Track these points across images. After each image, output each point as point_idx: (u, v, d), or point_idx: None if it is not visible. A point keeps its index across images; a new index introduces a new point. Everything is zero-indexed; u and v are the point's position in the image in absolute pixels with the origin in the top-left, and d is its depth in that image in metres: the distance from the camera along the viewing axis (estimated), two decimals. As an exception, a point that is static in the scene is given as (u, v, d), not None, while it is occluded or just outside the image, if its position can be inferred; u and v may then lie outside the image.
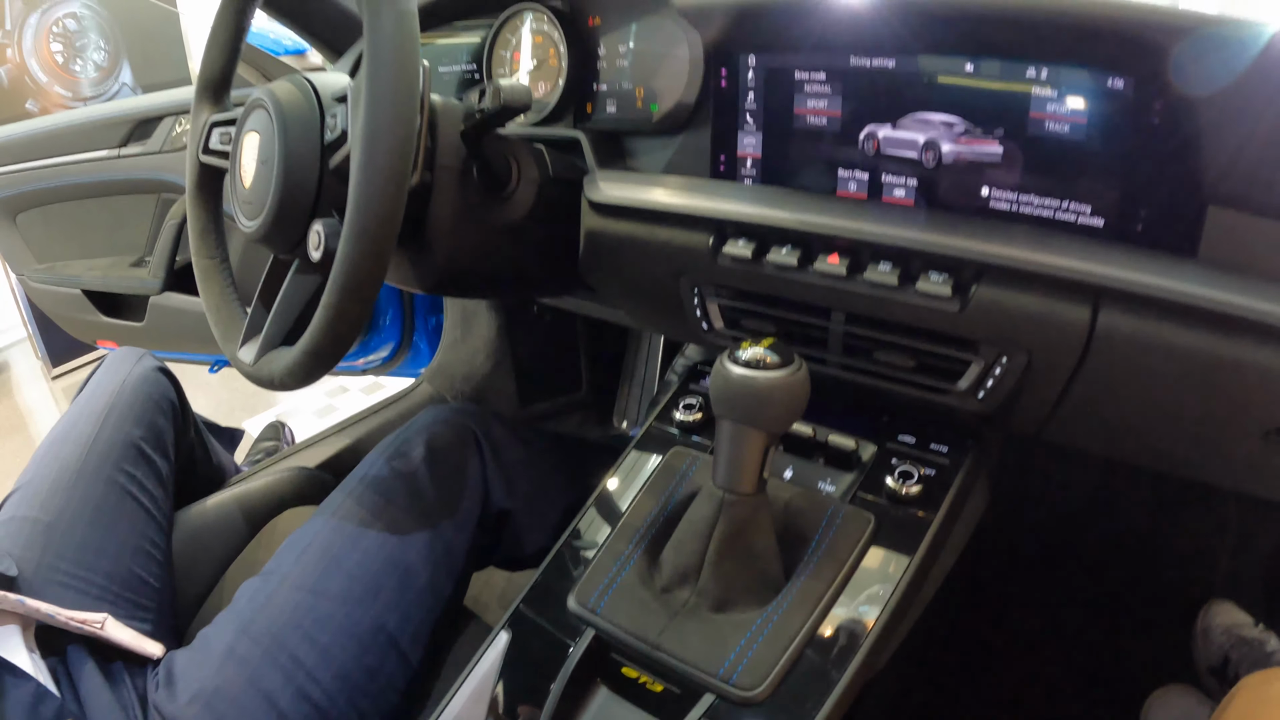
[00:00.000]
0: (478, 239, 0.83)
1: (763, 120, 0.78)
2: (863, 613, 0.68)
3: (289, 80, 0.79)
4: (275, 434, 1.80)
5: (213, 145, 0.89)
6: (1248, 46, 0.55)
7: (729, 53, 0.78)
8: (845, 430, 0.81)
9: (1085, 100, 0.63)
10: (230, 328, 0.87)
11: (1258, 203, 0.58)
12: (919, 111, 0.70)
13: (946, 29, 0.67)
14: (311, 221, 0.75)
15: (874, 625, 0.67)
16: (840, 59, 0.72)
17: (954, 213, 0.70)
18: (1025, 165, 0.66)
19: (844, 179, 0.74)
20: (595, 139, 0.88)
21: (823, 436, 0.81)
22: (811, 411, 0.69)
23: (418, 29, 0.65)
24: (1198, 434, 0.67)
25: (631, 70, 0.85)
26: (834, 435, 0.81)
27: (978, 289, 0.66)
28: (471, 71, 1.01)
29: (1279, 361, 0.58)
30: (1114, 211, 0.64)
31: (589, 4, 0.88)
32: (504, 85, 0.73)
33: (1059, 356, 0.66)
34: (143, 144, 1.58)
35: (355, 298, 0.68)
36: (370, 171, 0.64)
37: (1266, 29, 0.54)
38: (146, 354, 1.27)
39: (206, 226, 0.92)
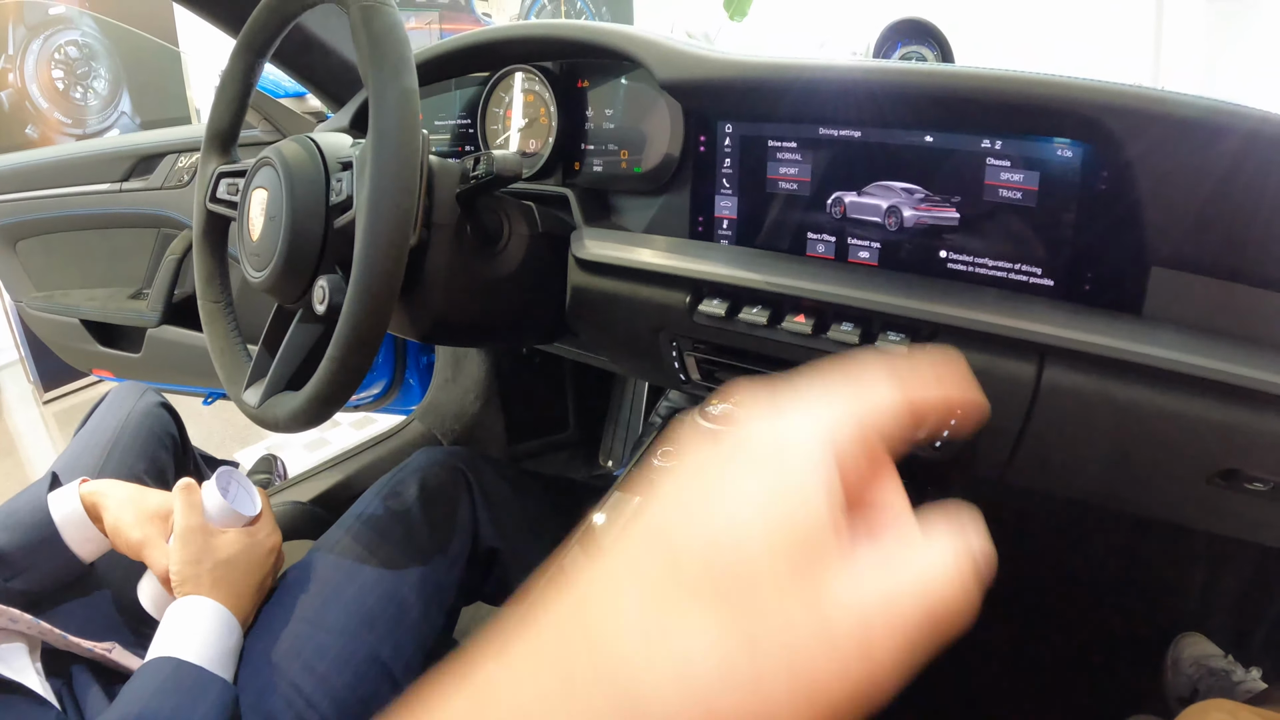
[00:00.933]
0: (470, 292, 0.88)
1: (738, 184, 0.83)
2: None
3: (296, 141, 0.83)
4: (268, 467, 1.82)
5: (220, 194, 0.93)
6: (1187, 119, 0.60)
7: (707, 120, 0.83)
8: None
9: (1036, 169, 0.68)
10: (235, 370, 0.91)
11: (1198, 263, 0.63)
12: (882, 179, 0.75)
13: (907, 105, 0.72)
14: (316, 276, 0.80)
15: None
16: (810, 129, 0.78)
17: (914, 274, 0.75)
18: (980, 230, 0.71)
19: (813, 241, 0.80)
20: (582, 196, 0.93)
21: None
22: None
23: (419, 105, 0.70)
24: (1147, 479, 0.71)
25: (617, 132, 0.90)
26: None
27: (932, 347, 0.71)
28: (466, 125, 1.06)
29: (1216, 412, 0.61)
30: (1063, 273, 0.68)
31: (579, 68, 0.94)
32: (497, 156, 0.78)
33: (1009, 409, 0.70)
34: (145, 179, 1.61)
35: (359, 351, 0.72)
36: (374, 236, 0.68)
37: (1202, 102, 0.60)
38: (149, 389, 1.30)
39: (212, 272, 0.96)
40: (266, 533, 0.90)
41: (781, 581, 0.23)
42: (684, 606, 0.23)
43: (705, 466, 0.26)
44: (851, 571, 0.24)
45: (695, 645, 0.22)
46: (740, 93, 0.79)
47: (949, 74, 0.69)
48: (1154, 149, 0.62)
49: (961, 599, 0.24)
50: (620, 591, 0.24)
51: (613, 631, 0.23)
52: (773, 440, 0.26)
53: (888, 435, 0.28)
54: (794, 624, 0.23)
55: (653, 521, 0.26)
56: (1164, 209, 0.63)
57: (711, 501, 0.25)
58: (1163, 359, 0.61)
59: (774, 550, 0.23)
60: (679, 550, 0.24)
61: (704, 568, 0.23)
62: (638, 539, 0.25)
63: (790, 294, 0.76)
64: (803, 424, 0.27)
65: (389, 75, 0.69)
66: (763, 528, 0.24)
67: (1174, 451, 0.66)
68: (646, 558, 0.24)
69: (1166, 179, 0.62)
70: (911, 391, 0.28)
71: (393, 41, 0.70)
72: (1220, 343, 0.62)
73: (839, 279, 0.75)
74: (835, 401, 0.28)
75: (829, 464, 0.26)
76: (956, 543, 0.26)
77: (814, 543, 0.24)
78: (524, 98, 0.99)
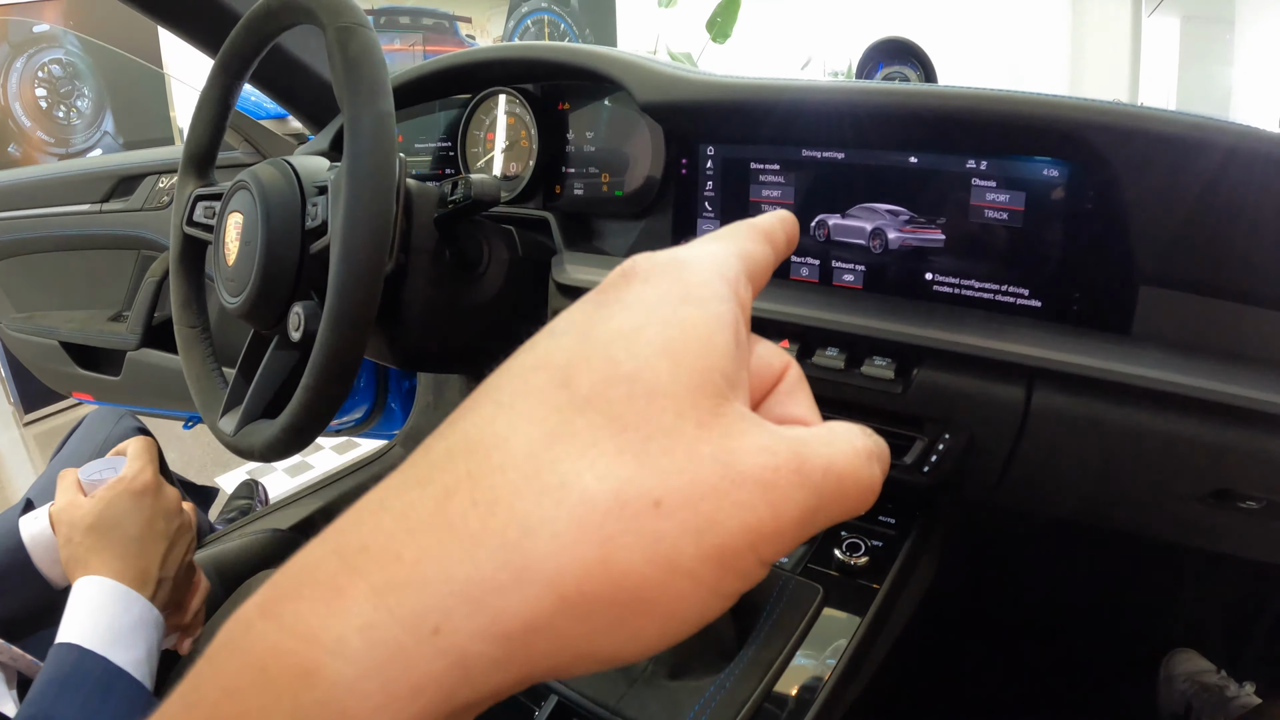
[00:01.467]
0: (450, 318, 0.86)
1: (720, 207, 0.82)
2: (811, 679, 0.70)
3: (272, 165, 0.82)
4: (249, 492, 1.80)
5: (197, 218, 0.92)
6: (1171, 136, 0.59)
7: (689, 143, 0.82)
8: None
9: (1022, 189, 0.68)
10: (211, 397, 0.90)
11: (1186, 281, 0.62)
12: (866, 201, 0.74)
13: (890, 126, 0.71)
14: (292, 303, 0.78)
15: (821, 690, 0.70)
16: (792, 151, 0.77)
17: (900, 297, 0.74)
18: (966, 251, 0.71)
19: (797, 264, 0.79)
20: (563, 219, 0.92)
21: None
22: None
23: (395, 130, 0.69)
24: (1138, 499, 0.71)
25: (598, 155, 0.89)
26: None
27: (919, 372, 0.70)
28: (447, 148, 1.05)
29: (1207, 432, 0.61)
30: (1051, 293, 0.68)
31: (560, 90, 0.93)
32: (475, 180, 0.76)
33: (998, 433, 0.69)
34: (125, 200, 1.60)
35: (334, 380, 0.71)
36: (349, 264, 0.67)
37: (1185, 118, 0.59)
38: (126, 414, 1.28)
39: (189, 297, 0.95)
40: (131, 476, 0.82)
41: (684, 405, 0.21)
42: (576, 429, 0.20)
43: (601, 289, 0.24)
44: (755, 416, 0.22)
45: (589, 473, 0.20)
46: (721, 114, 0.78)
47: (932, 94, 0.69)
48: (1139, 166, 0.61)
49: (866, 474, 0.23)
50: (507, 417, 0.21)
51: (499, 462, 0.20)
52: (669, 260, 0.24)
53: (759, 278, 0.27)
54: (698, 454, 0.20)
55: (542, 342, 0.23)
56: (1151, 227, 0.62)
57: (607, 316, 0.23)
58: (1153, 379, 0.61)
59: (678, 368, 0.21)
60: (572, 369, 0.21)
61: (600, 385, 0.21)
62: (526, 360, 0.22)
63: (773, 319, 0.75)
64: (697, 248, 0.25)
65: (364, 99, 0.68)
66: (663, 341, 0.21)
67: (1165, 472, 0.66)
68: (536, 378, 0.22)
69: (1153, 196, 0.62)
70: (771, 239, 0.28)
71: (369, 65, 0.69)
72: (1210, 361, 0.61)
73: (823, 303, 0.74)
74: (718, 240, 0.27)
75: (730, 284, 0.24)
76: (856, 425, 0.24)
77: (721, 363, 0.22)
78: (505, 120, 0.98)
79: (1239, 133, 0.58)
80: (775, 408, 0.26)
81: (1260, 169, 0.58)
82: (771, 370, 0.27)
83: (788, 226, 0.30)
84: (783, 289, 0.78)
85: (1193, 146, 0.59)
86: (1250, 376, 0.60)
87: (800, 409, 0.26)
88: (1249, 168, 0.58)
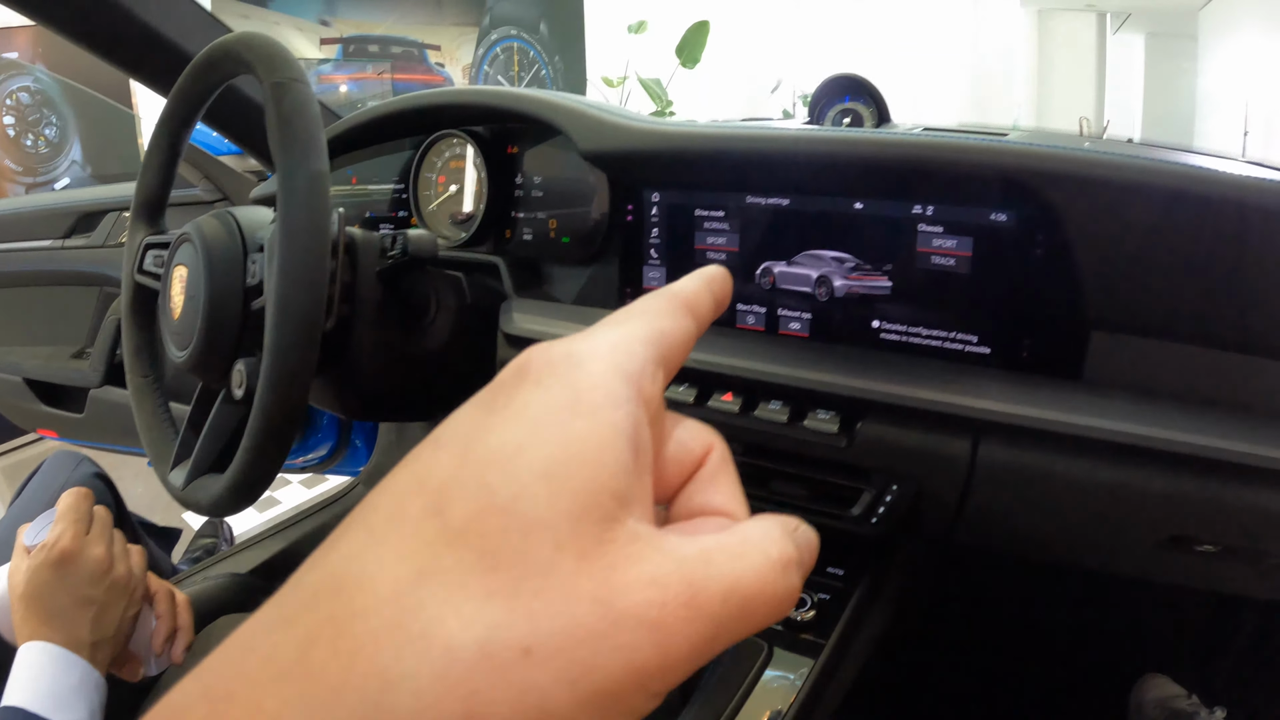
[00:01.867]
0: (399, 368, 0.85)
1: (666, 254, 0.82)
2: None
3: (216, 217, 0.81)
4: (214, 530, 1.78)
5: (147, 266, 0.91)
6: (1118, 181, 0.59)
7: (634, 189, 0.82)
8: None
9: (969, 235, 0.67)
10: (162, 449, 0.88)
11: (1140, 325, 0.62)
12: (812, 248, 0.74)
13: (834, 173, 0.71)
14: (235, 358, 0.77)
15: None
16: (737, 198, 0.76)
17: (847, 345, 0.73)
18: (914, 298, 0.70)
19: (742, 313, 0.78)
20: (513, 265, 0.91)
21: None
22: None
23: (329, 188, 0.68)
24: (1095, 544, 0.70)
25: (546, 200, 0.89)
26: None
27: (863, 425, 0.69)
28: (400, 190, 1.04)
29: (1160, 482, 0.60)
30: (1000, 340, 0.67)
31: (510, 133, 0.92)
32: (412, 236, 0.76)
33: (946, 485, 0.69)
34: (86, 237, 1.59)
35: (273, 441, 0.70)
36: (283, 328, 0.66)
37: (1132, 162, 0.59)
38: (84, 458, 1.27)
39: (140, 346, 0.93)
40: (50, 544, 0.79)
41: (563, 536, 0.19)
42: (445, 567, 0.19)
43: (492, 389, 0.23)
44: (652, 535, 0.20)
45: (455, 620, 0.18)
46: (663, 162, 0.78)
47: (873, 142, 0.69)
48: (1087, 211, 0.61)
49: (781, 587, 0.21)
50: (375, 552, 0.20)
51: (363, 605, 0.19)
52: (564, 357, 0.22)
53: (676, 358, 0.25)
54: (576, 593, 0.19)
55: (424, 457, 0.21)
56: (1102, 271, 0.62)
57: (492, 427, 0.21)
58: (1102, 430, 0.60)
59: (558, 494, 0.19)
60: (446, 495, 0.20)
61: (473, 516, 0.19)
62: (404, 480, 0.21)
63: (717, 371, 0.75)
64: (598, 339, 0.23)
65: (297, 158, 0.67)
66: (543, 463, 0.20)
67: (1118, 521, 0.65)
68: (410, 504, 0.20)
69: (1102, 240, 0.61)
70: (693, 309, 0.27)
71: (302, 122, 0.68)
72: (1162, 407, 0.61)
73: (768, 354, 0.73)
74: (625, 322, 0.25)
75: (632, 380, 0.22)
76: (778, 523, 0.23)
77: (611, 481, 0.20)
78: (455, 163, 0.97)
79: (1186, 175, 0.58)
80: (696, 496, 0.25)
81: (1209, 210, 0.58)
82: (692, 455, 0.25)
83: (716, 287, 0.28)
84: (728, 338, 0.77)
85: (1141, 190, 0.59)
86: (1203, 423, 0.59)
87: (721, 498, 0.25)
88: (1198, 209, 0.58)
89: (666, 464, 0.25)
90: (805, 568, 0.23)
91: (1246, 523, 0.60)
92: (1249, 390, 0.60)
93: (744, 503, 0.25)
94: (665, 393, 0.25)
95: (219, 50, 0.77)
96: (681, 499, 0.25)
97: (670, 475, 0.25)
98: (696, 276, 0.28)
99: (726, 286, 0.29)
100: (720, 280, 0.29)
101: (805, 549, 0.23)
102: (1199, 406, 0.60)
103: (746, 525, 0.23)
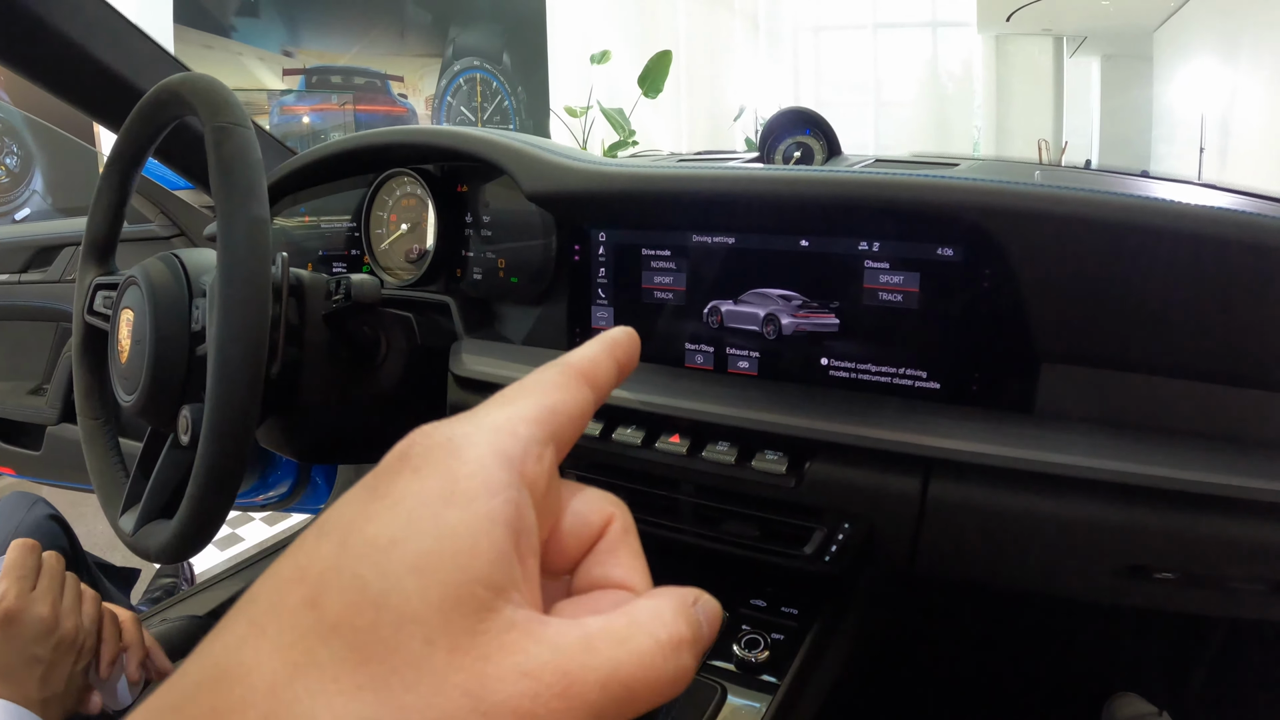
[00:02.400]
0: (349, 410, 0.85)
1: (613, 294, 0.82)
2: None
3: (162, 261, 0.80)
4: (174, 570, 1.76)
5: (97, 307, 0.90)
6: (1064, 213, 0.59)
7: (580, 229, 0.82)
8: None
9: (915, 270, 0.67)
10: (112, 492, 0.87)
11: (1089, 356, 0.62)
12: (759, 286, 0.74)
13: (778, 211, 0.71)
14: (182, 404, 0.76)
15: None
16: (683, 237, 0.77)
17: (796, 383, 0.73)
18: (862, 335, 0.70)
19: (691, 352, 0.78)
20: (464, 304, 0.91)
21: None
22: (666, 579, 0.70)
23: (268, 235, 0.67)
24: (1053, 574, 0.70)
25: (495, 240, 0.89)
26: None
27: (812, 465, 0.69)
28: (353, 229, 1.03)
29: (1114, 514, 0.60)
30: (949, 375, 0.68)
31: (459, 172, 0.92)
32: (354, 281, 0.76)
33: (898, 523, 0.68)
34: (43, 272, 1.58)
35: (217, 489, 0.69)
36: (223, 378, 0.66)
37: (1079, 195, 0.59)
38: (39, 499, 1.26)
39: (91, 387, 0.92)
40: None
41: (434, 630, 0.19)
42: (320, 660, 0.19)
43: (376, 474, 0.22)
44: (530, 623, 0.20)
45: (329, 713, 0.18)
46: (608, 202, 0.78)
47: (816, 181, 0.69)
48: (1033, 245, 0.61)
49: (668, 670, 0.21)
50: (254, 644, 0.20)
51: (240, 697, 0.19)
52: (444, 444, 0.22)
53: (569, 433, 0.25)
54: (446, 686, 0.19)
55: (308, 544, 0.21)
56: (1049, 303, 0.62)
57: (370, 516, 0.21)
58: (1051, 464, 0.60)
59: (429, 588, 0.19)
60: (324, 586, 0.20)
61: (347, 610, 0.19)
62: (287, 570, 0.21)
63: (664, 413, 0.74)
64: (481, 422, 0.23)
65: (237, 204, 0.67)
66: (415, 557, 0.20)
67: (1075, 553, 0.65)
68: (290, 595, 0.20)
69: (1048, 273, 0.61)
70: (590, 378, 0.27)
71: (242, 167, 0.68)
72: (1114, 438, 0.61)
73: (716, 394, 0.73)
74: (513, 401, 0.24)
75: (514, 464, 0.22)
76: (672, 601, 0.23)
77: (485, 572, 0.20)
78: (407, 201, 0.97)
79: (1129, 207, 0.59)
80: (595, 568, 0.25)
81: (1154, 241, 0.58)
82: (590, 528, 0.25)
83: (619, 352, 0.28)
84: (677, 379, 0.77)
85: (1084, 223, 0.59)
86: (1157, 453, 0.59)
87: (620, 570, 0.25)
88: (1143, 240, 0.58)
89: (564, 537, 0.25)
90: (702, 644, 0.23)
91: (1204, 551, 0.60)
92: (1202, 418, 0.61)
93: (644, 574, 0.25)
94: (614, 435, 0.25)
95: (165, 91, 0.76)
96: (581, 571, 0.25)
97: (569, 548, 0.25)
98: (598, 342, 0.28)
99: (631, 349, 0.29)
100: (624, 344, 0.29)
101: (705, 624, 0.23)
102: (1152, 436, 0.60)
103: (636, 606, 0.22)
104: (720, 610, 0.24)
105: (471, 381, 0.85)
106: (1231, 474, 0.57)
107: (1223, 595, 0.65)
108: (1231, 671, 1.22)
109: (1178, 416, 0.61)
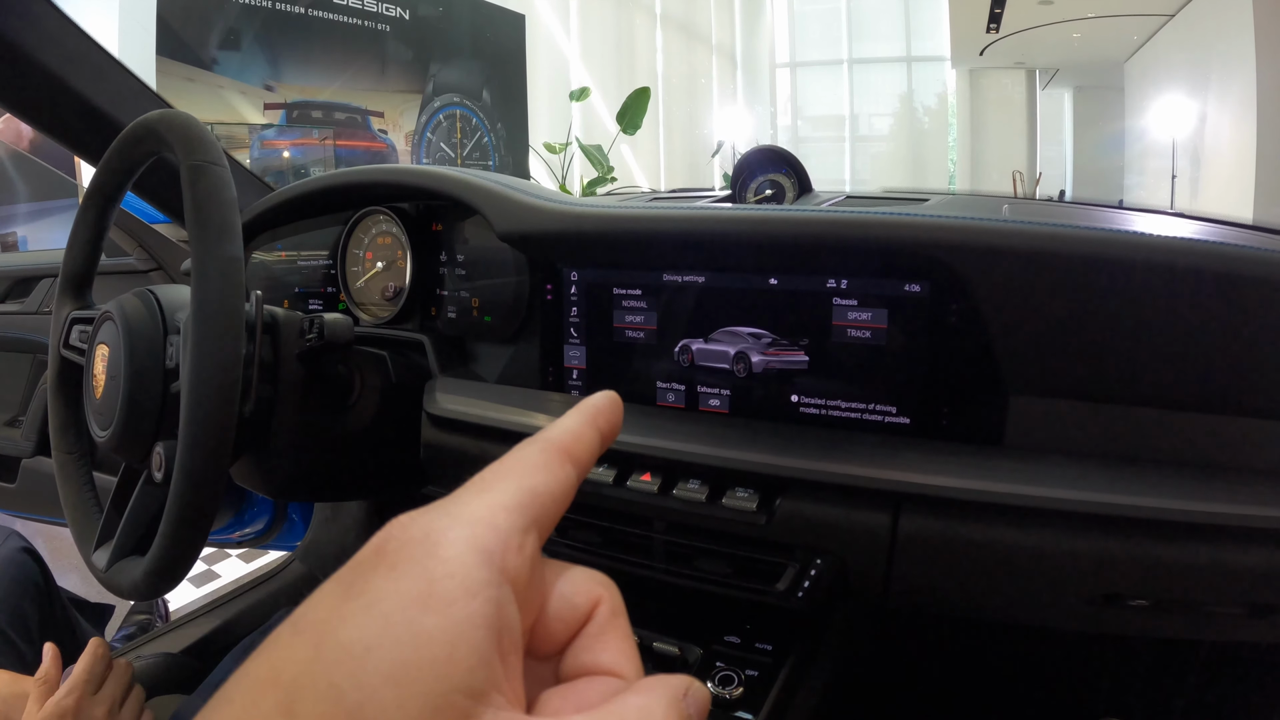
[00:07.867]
0: (323, 448, 0.85)
1: (586, 333, 0.82)
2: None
3: (138, 297, 0.80)
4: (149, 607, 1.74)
5: (73, 341, 0.90)
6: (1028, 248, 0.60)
7: (553, 268, 0.83)
8: (672, 634, 0.80)
9: (883, 307, 0.68)
10: (86, 528, 0.87)
11: (1058, 387, 0.63)
12: (729, 325, 0.75)
13: (746, 251, 0.72)
14: (156, 441, 0.76)
15: None
16: (653, 276, 0.78)
17: (766, 420, 0.74)
18: (831, 372, 0.71)
19: (663, 390, 0.79)
20: (438, 342, 0.91)
21: (648, 642, 0.79)
22: (640, 617, 0.71)
23: (242, 274, 0.68)
24: (1028, 604, 0.69)
25: (469, 279, 0.89)
26: (658, 642, 0.79)
27: (782, 502, 0.69)
28: (330, 266, 1.04)
29: (1085, 544, 0.60)
30: (919, 410, 0.68)
31: (434, 210, 0.93)
32: (328, 320, 0.76)
33: (869, 558, 0.69)
34: (20, 302, 1.57)
35: (189, 527, 0.69)
36: (195, 416, 0.66)
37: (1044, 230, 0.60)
38: (13, 533, 1.24)
39: (66, 421, 0.92)
40: (61, 696, 0.83)
41: None
42: None
43: (351, 568, 0.22)
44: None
45: None
46: (579, 242, 0.79)
47: (783, 220, 0.70)
48: (998, 279, 0.62)
49: None
50: None
51: None
52: (421, 540, 0.22)
53: (551, 515, 0.24)
54: None
55: (282, 643, 0.21)
56: (1016, 336, 0.63)
57: (346, 617, 0.20)
58: (1021, 495, 0.60)
59: (407, 700, 0.19)
60: (298, 693, 0.19)
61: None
62: (260, 670, 0.20)
63: (635, 452, 0.75)
64: (458, 515, 0.22)
65: (210, 243, 0.67)
66: (391, 666, 0.19)
67: (1047, 583, 0.65)
68: (264, 700, 0.20)
69: (1014, 306, 0.62)
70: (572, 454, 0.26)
71: (216, 205, 0.68)
72: (1085, 468, 0.61)
73: (687, 432, 0.74)
74: (492, 486, 0.24)
75: (494, 559, 0.22)
76: (662, 696, 0.22)
77: (464, 680, 0.20)
78: (383, 239, 0.98)
79: (1094, 239, 0.59)
80: (583, 653, 0.24)
81: (1119, 273, 0.59)
82: (578, 611, 0.25)
83: (602, 420, 0.27)
84: (648, 417, 0.77)
85: (1049, 256, 0.60)
86: (1126, 482, 0.59)
87: (609, 656, 0.24)
88: (1108, 272, 0.59)
89: (550, 622, 0.24)
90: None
91: (1178, 577, 0.60)
92: (1172, 445, 0.61)
93: (634, 660, 0.24)
94: None
95: (142, 127, 0.77)
96: (569, 656, 0.24)
97: (555, 632, 0.24)
98: (579, 412, 0.27)
99: (614, 416, 0.28)
100: (607, 411, 0.28)
101: (695, 718, 0.23)
102: (1121, 465, 0.61)
103: (625, 704, 0.22)
104: (709, 698, 0.24)
105: (446, 420, 0.85)
106: (1203, 501, 0.57)
107: (1200, 620, 0.65)
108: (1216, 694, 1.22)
109: (1147, 445, 0.62)
